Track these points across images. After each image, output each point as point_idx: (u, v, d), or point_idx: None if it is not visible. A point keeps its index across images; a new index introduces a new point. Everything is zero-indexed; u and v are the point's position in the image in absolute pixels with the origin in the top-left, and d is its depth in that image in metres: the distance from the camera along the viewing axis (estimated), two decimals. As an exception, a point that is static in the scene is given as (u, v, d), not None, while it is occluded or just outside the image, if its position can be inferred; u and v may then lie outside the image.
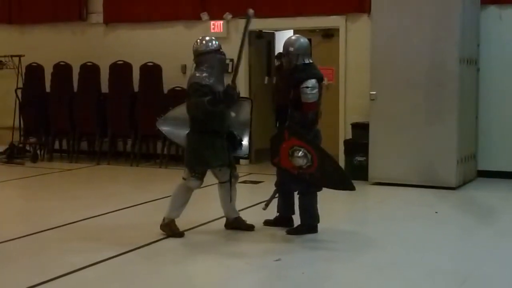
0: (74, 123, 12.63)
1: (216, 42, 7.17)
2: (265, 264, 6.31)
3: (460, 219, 8.39)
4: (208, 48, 7.09)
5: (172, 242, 6.97)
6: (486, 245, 6.94)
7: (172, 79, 12.15)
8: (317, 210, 7.16)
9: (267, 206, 7.30)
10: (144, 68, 12.25)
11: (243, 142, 7.27)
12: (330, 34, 12.05)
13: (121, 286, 5.81)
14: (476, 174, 10.63)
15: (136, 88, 12.34)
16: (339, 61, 11.33)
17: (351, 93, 11.14)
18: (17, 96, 13.10)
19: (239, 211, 7.50)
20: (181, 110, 7.34)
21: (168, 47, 12.49)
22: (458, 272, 6.09)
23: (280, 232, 7.22)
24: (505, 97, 10.56)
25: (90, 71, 12.65)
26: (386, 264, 6.31)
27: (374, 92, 10.02)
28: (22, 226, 7.77)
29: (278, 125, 13.17)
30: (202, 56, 7.07)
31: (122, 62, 12.41)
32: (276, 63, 13.70)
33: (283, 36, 14.43)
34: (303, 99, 6.91)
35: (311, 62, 7.17)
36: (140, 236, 7.09)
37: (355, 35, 11.24)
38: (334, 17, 11.44)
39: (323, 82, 7.24)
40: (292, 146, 6.85)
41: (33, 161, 12.60)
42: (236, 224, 7.35)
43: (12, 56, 13.25)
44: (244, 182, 10.07)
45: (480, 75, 10.60)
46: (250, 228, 7.32)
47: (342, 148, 10.78)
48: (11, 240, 7.06)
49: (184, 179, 7.13)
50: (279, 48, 14.32)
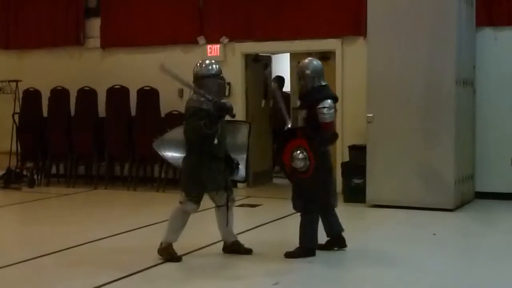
0: (72, 147, 12.62)
1: (217, 66, 7.19)
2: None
3: (458, 241, 8.39)
4: (208, 72, 7.10)
5: (170, 266, 6.95)
6: (484, 267, 6.92)
7: (169, 103, 12.16)
8: (316, 233, 7.16)
9: None
10: (141, 92, 12.27)
11: (240, 166, 7.26)
12: (326, 57, 12.07)
13: (119, 311, 5.79)
14: (474, 195, 10.63)
15: (133, 112, 12.36)
16: (335, 83, 11.35)
17: (348, 115, 11.15)
18: (14, 120, 13.10)
19: (237, 234, 7.48)
20: (178, 132, 7.34)
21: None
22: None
23: (278, 256, 7.19)
24: (501, 118, 10.59)
25: (88, 95, 12.67)
26: (385, 286, 6.29)
27: (371, 114, 10.05)
28: (20, 252, 7.73)
29: (275, 148, 13.25)
30: (202, 79, 7.08)
31: (119, 86, 12.44)
32: (273, 86, 13.73)
33: (280, 60, 14.61)
34: (320, 119, 7.00)
35: (326, 83, 7.31)
36: (138, 260, 7.07)
37: (351, 58, 11.28)
38: (330, 40, 11.49)
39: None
40: (298, 146, 6.96)
41: (30, 186, 12.57)
42: (234, 248, 7.33)
43: (9, 81, 13.27)
44: (242, 205, 10.06)
45: (477, 96, 10.64)
46: (248, 252, 7.30)
47: (339, 170, 10.78)
48: (9, 265, 7.03)
49: (181, 202, 7.11)
50: (276, 71, 14.40)
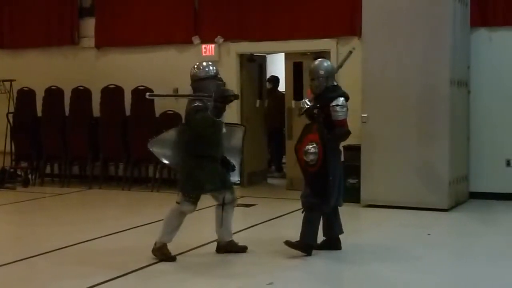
0: (66, 147, 12.60)
1: (214, 68, 7.20)
2: (257, 287, 6.29)
3: (452, 241, 8.40)
4: (206, 74, 7.10)
5: (164, 266, 6.95)
6: (479, 267, 6.93)
7: (164, 103, 12.12)
8: (317, 231, 7.20)
9: None
10: (136, 92, 12.25)
11: (235, 168, 7.27)
12: (321, 57, 12.07)
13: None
14: (468, 195, 10.65)
15: (128, 112, 12.35)
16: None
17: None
18: (8, 120, 13.09)
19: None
20: (173, 133, 7.35)
21: (160, 71, 12.52)
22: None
23: (273, 255, 7.20)
24: (495, 118, 10.61)
25: (82, 95, 12.66)
26: (380, 286, 6.29)
27: (366, 115, 10.06)
28: (14, 251, 7.71)
29: (270, 148, 13.24)
30: (200, 82, 7.08)
31: (114, 86, 12.43)
32: (268, 86, 13.75)
33: (275, 60, 14.61)
34: (334, 117, 7.17)
35: (337, 84, 7.52)
36: (132, 260, 7.06)
37: (346, 58, 11.27)
38: (325, 40, 11.50)
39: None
40: (312, 141, 7.08)
41: (24, 185, 12.56)
42: (228, 248, 7.33)
43: (3, 81, 13.26)
44: (237, 205, 10.03)
45: (471, 97, 10.66)
46: (244, 249, 7.30)
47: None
48: (3, 265, 7.02)
49: (177, 203, 7.11)
50: (270, 71, 14.42)
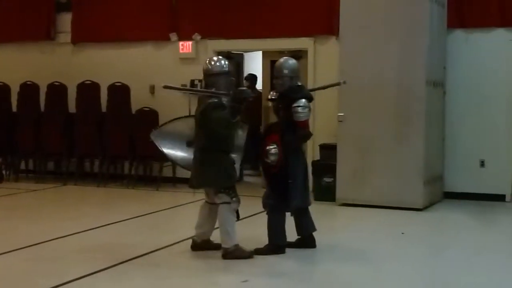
0: (41, 143, 12.52)
1: (227, 63, 7.14)
2: (232, 285, 6.28)
3: (426, 240, 8.45)
4: (220, 70, 7.06)
5: (137, 263, 6.92)
6: (452, 265, 6.97)
7: (140, 100, 12.12)
8: (284, 230, 7.19)
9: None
10: (112, 88, 12.19)
11: (235, 165, 7.24)
12: (298, 56, 12.08)
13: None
14: (443, 195, 10.72)
15: (104, 108, 12.29)
16: (307, 82, 11.36)
17: (319, 114, 11.17)
18: (-18, 115, 12.98)
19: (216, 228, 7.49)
20: (180, 125, 7.29)
21: (136, 67, 12.48)
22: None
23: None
24: (470, 119, 10.70)
25: (58, 90, 12.57)
26: (355, 284, 6.32)
27: (342, 114, 10.09)
28: (-13, 247, 7.66)
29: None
30: (213, 77, 7.04)
31: (90, 82, 12.36)
32: (245, 84, 13.74)
33: (252, 58, 14.62)
34: (295, 118, 7.08)
35: (302, 84, 7.45)
36: (107, 257, 7.02)
37: (323, 57, 11.32)
38: (303, 39, 11.53)
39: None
40: (273, 141, 7.06)
41: (-2, 181, 12.49)
42: (205, 246, 7.30)
43: (-22, 76, 13.15)
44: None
45: (447, 97, 10.73)
46: (218, 247, 7.29)
47: (310, 169, 10.79)
48: (-25, 261, 6.97)
49: (227, 203, 6.97)
50: (248, 69, 14.43)
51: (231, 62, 7.46)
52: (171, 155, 7.48)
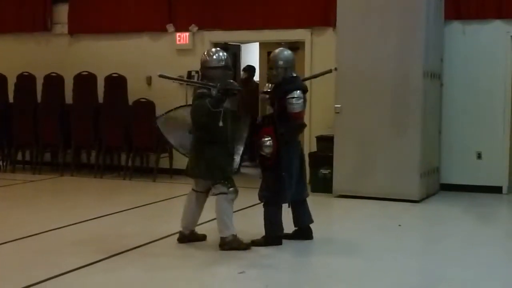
0: (38, 134, 12.50)
1: (225, 57, 7.11)
2: (229, 276, 6.30)
3: (423, 231, 8.48)
4: (217, 64, 7.04)
5: (134, 254, 6.92)
6: (449, 257, 6.99)
7: (137, 91, 12.11)
8: (281, 221, 7.19)
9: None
10: (109, 79, 12.18)
11: (234, 157, 7.23)
12: (295, 47, 12.07)
13: (83, 298, 5.76)
14: (439, 187, 10.73)
15: (100, 100, 12.27)
16: (304, 74, 11.34)
17: (316, 106, 11.17)
18: (-21, 106, 12.96)
19: (204, 223, 7.48)
20: (183, 113, 7.28)
21: (133, 59, 12.46)
22: (423, 285, 6.16)
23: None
24: (467, 111, 10.69)
25: (54, 82, 12.54)
26: (351, 276, 6.33)
27: (339, 105, 10.09)
28: (-17, 238, 7.66)
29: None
30: (210, 70, 7.04)
31: (86, 73, 12.34)
32: (243, 75, 13.73)
33: (249, 49, 14.60)
34: (289, 109, 7.05)
35: (296, 75, 7.37)
36: (102, 248, 7.02)
37: (320, 48, 11.30)
38: (300, 30, 11.51)
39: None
40: (268, 133, 7.03)
41: (-5, 172, 12.48)
42: (192, 237, 7.31)
43: (-25, 66, 13.12)
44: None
45: (444, 89, 10.73)
46: (204, 237, 7.33)
47: (307, 160, 10.80)
48: (-29, 252, 6.97)
49: (223, 193, 6.98)
50: (245, 60, 14.40)
51: (229, 54, 7.42)
52: (174, 142, 7.46)
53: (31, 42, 13.36)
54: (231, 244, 6.98)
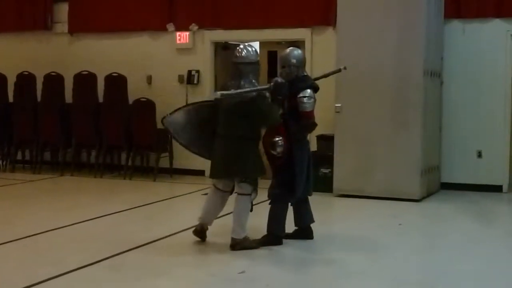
0: (38, 133, 12.50)
1: (257, 52, 7.23)
2: (229, 276, 6.29)
3: (423, 231, 8.47)
4: (256, 59, 7.13)
5: (136, 254, 6.92)
6: (449, 256, 6.99)
7: (137, 90, 12.10)
8: (285, 221, 7.20)
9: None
10: (109, 78, 12.17)
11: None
12: (296, 47, 12.06)
13: (84, 298, 5.76)
14: (440, 186, 10.73)
15: (100, 99, 12.26)
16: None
17: (316, 105, 11.11)
18: (-21, 105, 12.94)
19: (220, 217, 7.49)
20: (188, 113, 7.24)
21: (133, 58, 12.46)
22: (423, 282, 6.15)
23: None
24: (468, 109, 10.69)
25: (54, 81, 12.53)
26: (352, 275, 6.33)
27: (339, 105, 10.08)
28: (-16, 238, 7.66)
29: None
30: (250, 65, 7.04)
31: (87, 72, 12.33)
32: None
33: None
34: (300, 108, 7.08)
35: (307, 74, 7.45)
36: (104, 247, 7.03)
37: (320, 48, 11.30)
38: (300, 29, 11.50)
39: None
40: (279, 133, 7.02)
41: (-5, 172, 12.47)
42: (204, 233, 7.31)
43: (-25, 65, 13.11)
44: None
45: (444, 87, 10.73)
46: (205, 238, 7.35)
47: (307, 160, 10.80)
48: (-28, 251, 6.96)
49: (248, 194, 6.97)
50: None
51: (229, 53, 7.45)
52: (184, 142, 7.40)
53: (31, 41, 13.35)
54: (242, 244, 6.98)
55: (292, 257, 6.97)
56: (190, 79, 12.12)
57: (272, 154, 7.06)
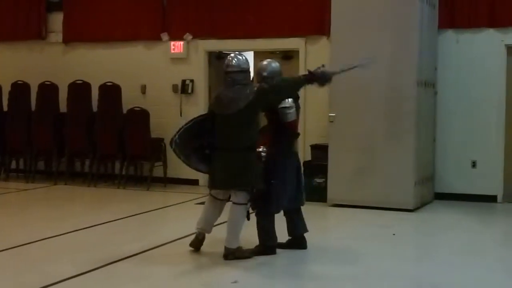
0: (31, 142, 12.47)
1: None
2: (222, 286, 6.27)
3: (417, 241, 8.46)
4: (248, 66, 7.22)
5: (128, 262, 6.89)
6: (443, 266, 6.97)
7: (131, 99, 12.10)
8: (274, 231, 7.17)
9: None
10: (103, 88, 12.16)
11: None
12: (289, 56, 12.11)
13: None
14: (434, 196, 10.73)
15: (94, 108, 12.25)
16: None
17: (310, 114, 11.17)
18: (-27, 115, 12.92)
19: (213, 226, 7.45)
20: (192, 131, 7.15)
21: (127, 67, 12.46)
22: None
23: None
24: (461, 120, 10.71)
25: (49, 90, 12.53)
26: (346, 284, 6.31)
27: (333, 114, 10.09)
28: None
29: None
30: (242, 73, 7.08)
31: (81, 82, 12.33)
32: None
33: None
34: (283, 119, 7.07)
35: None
36: (97, 257, 7.00)
37: (314, 57, 11.27)
38: (294, 39, 11.52)
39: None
40: (264, 143, 7.02)
41: (-12, 181, 12.43)
42: (202, 242, 7.29)
43: (-31, 75, 13.08)
44: (203, 203, 10.01)
45: (438, 98, 10.74)
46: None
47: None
48: (-37, 261, 6.93)
49: (243, 204, 6.95)
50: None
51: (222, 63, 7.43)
52: (192, 165, 7.30)
53: (25, 50, 13.36)
54: (235, 254, 6.96)
55: (285, 267, 6.95)
56: (184, 88, 12.13)
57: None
